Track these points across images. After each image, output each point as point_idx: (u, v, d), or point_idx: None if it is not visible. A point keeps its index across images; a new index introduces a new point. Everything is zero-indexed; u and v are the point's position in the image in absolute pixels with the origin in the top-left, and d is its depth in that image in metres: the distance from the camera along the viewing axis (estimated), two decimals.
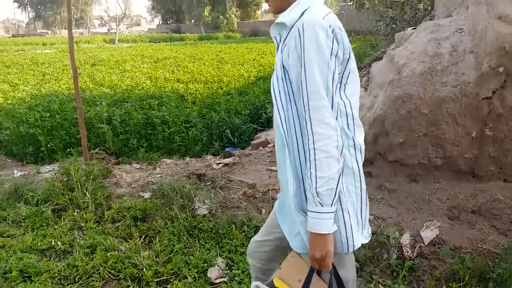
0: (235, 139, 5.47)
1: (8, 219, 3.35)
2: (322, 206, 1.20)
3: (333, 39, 1.20)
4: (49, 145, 4.90)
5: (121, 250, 2.85)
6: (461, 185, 3.10)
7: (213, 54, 16.98)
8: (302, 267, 1.40)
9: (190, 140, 5.34)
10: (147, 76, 9.95)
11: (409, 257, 2.56)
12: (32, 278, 2.58)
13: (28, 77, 10.20)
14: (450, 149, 3.05)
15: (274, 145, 4.71)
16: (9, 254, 2.81)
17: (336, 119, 1.22)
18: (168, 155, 5.09)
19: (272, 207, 3.33)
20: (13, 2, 59.93)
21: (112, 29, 57.36)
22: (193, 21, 50.30)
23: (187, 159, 4.86)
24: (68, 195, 3.57)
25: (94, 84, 8.61)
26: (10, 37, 50.98)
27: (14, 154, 5.08)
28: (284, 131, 1.31)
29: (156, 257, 2.78)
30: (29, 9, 60.13)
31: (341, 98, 1.27)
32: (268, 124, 6.29)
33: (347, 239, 1.30)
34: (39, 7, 57.82)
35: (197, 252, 2.82)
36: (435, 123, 3.05)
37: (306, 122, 1.20)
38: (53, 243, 2.98)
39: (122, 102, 6.33)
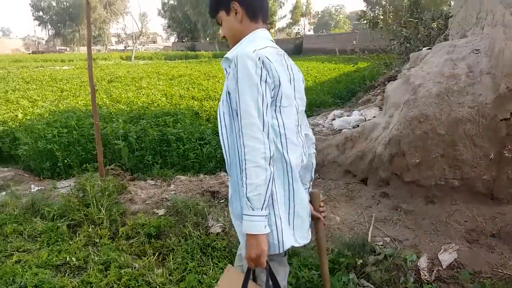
0: None
1: (25, 233, 3.38)
2: (253, 210, 1.38)
3: (261, 68, 1.40)
4: (65, 161, 4.97)
5: (135, 267, 2.85)
6: (480, 207, 3.04)
7: None
8: (237, 278, 1.53)
9: (204, 157, 5.36)
10: (162, 93, 10.08)
11: (427, 280, 2.51)
12: None
13: (47, 93, 10.41)
14: (467, 170, 3.01)
15: None
16: (24, 269, 2.82)
17: (268, 136, 1.40)
18: (183, 172, 5.11)
19: None
20: (34, 20, 61.91)
21: (128, 46, 58.64)
22: (207, 39, 51.09)
23: (201, 176, 4.87)
24: (84, 211, 3.60)
25: (110, 100, 8.75)
26: (30, 53, 52.41)
27: (32, 169, 5.16)
28: (225, 147, 1.53)
29: (169, 275, 2.77)
30: (49, 26, 62.10)
31: (277, 119, 1.48)
32: None
33: (278, 241, 1.47)
34: (58, 24, 59.64)
35: (211, 271, 2.80)
36: (452, 144, 3.02)
37: (240, 137, 1.40)
38: (67, 259, 2.99)
39: (138, 119, 6.40)
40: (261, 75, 1.40)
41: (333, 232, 3.15)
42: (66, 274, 2.85)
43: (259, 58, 1.41)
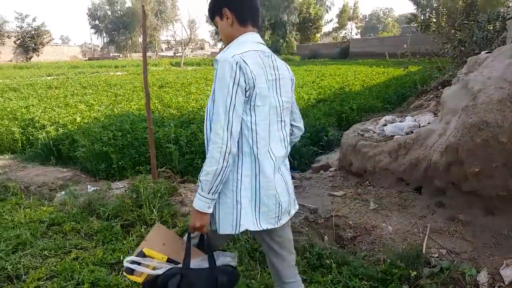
0: (295, 161, 5.44)
1: (82, 232, 3.55)
2: (202, 191, 1.59)
3: (236, 71, 1.56)
4: (120, 163, 5.19)
5: None
6: None
7: None
8: (164, 233, 1.77)
9: None
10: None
11: None
12: None
13: (102, 97, 10.95)
14: None
15: (336, 169, 4.62)
16: (82, 266, 2.95)
17: (232, 134, 1.57)
18: None
19: (335, 234, 3.25)
20: (90, 28, 65.52)
21: (178, 52, 60.42)
22: None
23: None
24: (137, 212, 3.72)
25: (162, 105, 9.04)
26: (86, 60, 55.45)
27: (88, 170, 5.43)
28: (207, 140, 1.70)
29: None
30: (104, 34, 65.44)
31: (250, 116, 1.64)
32: (329, 147, 6.20)
33: (235, 223, 1.65)
34: (113, 32, 62.75)
35: (259, 276, 2.80)
36: None
37: (211, 132, 1.61)
38: (121, 258, 3.10)
39: (188, 124, 6.56)
40: (234, 78, 1.57)
41: (385, 242, 3.05)
42: (120, 272, 2.96)
43: (237, 62, 1.57)
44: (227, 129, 1.56)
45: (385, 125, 4.63)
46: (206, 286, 1.64)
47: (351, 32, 66.31)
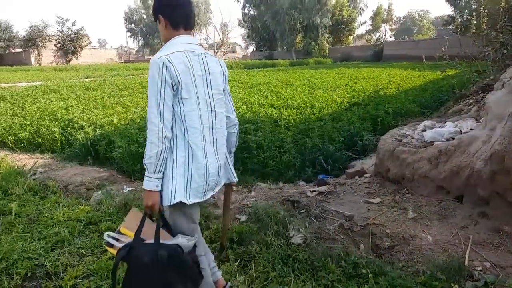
0: (329, 166, 5.35)
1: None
2: (148, 173, 1.92)
3: (162, 70, 1.89)
4: None
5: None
6: None
7: (304, 79, 17.10)
8: (139, 217, 2.01)
9: (284, 165, 5.35)
10: (242, 101, 10.31)
11: None
12: None
13: (138, 99, 11.19)
14: None
15: (371, 175, 4.51)
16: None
17: (164, 122, 1.90)
18: (262, 179, 5.15)
19: (372, 242, 3.16)
20: (127, 31, 67.43)
21: None
22: (284, 47, 51.53)
23: (281, 184, 4.86)
24: None
25: None
26: (122, 62, 57.05)
27: (124, 171, 5.54)
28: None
29: (251, 283, 2.78)
30: (139, 37, 67.19)
31: (179, 107, 1.96)
32: (364, 152, 6.06)
33: (170, 196, 1.96)
34: (147, 36, 64.35)
35: (292, 282, 2.75)
36: None
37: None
38: None
39: None
40: (161, 76, 1.89)
41: (425, 253, 2.93)
42: None
43: (163, 63, 1.90)
44: (160, 118, 1.89)
45: (424, 130, 4.48)
46: (147, 258, 1.89)
47: (385, 35, 65.02)
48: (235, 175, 2.39)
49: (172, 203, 1.97)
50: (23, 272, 2.95)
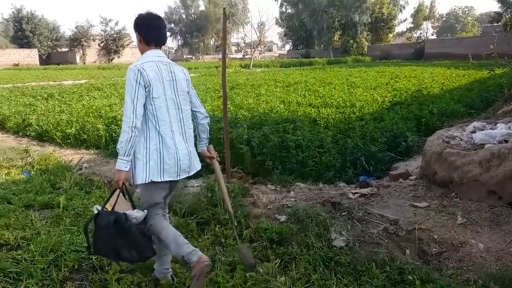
0: (371, 167, 5.21)
1: None
2: (120, 156, 2.38)
3: (137, 75, 2.39)
4: None
5: (259, 272, 2.88)
6: None
7: (343, 78, 16.81)
8: (119, 196, 2.51)
9: (323, 165, 5.27)
10: (280, 100, 10.26)
11: None
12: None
13: None
14: None
15: (417, 178, 4.35)
16: None
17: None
18: (301, 179, 5.09)
19: (418, 248, 3.04)
20: (166, 31, 68.89)
21: (247, 54, 61.50)
22: (322, 46, 50.93)
23: (321, 185, 4.78)
24: (211, 211, 3.78)
25: (234, 106, 9.20)
26: None
27: None
28: None
29: (292, 285, 2.74)
30: (179, 37, 68.45)
31: (151, 105, 2.45)
32: (407, 153, 5.85)
33: (145, 176, 2.44)
34: (186, 35, 65.48)
35: (334, 286, 2.69)
36: None
37: None
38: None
39: (259, 125, 6.59)
40: (136, 79, 2.39)
41: (476, 261, 2.79)
42: (187, 266, 3.00)
43: (138, 69, 2.40)
44: (133, 112, 2.36)
45: (474, 132, 4.26)
46: (102, 222, 2.39)
47: (426, 32, 62.77)
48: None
49: (145, 182, 2.45)
50: (70, 264, 3.06)
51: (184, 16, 66.77)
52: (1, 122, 9.11)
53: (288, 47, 67.59)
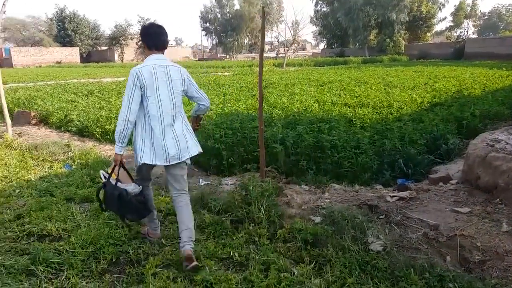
0: (409, 170, 5.05)
1: (194, 224, 3.70)
2: (116, 142, 2.99)
3: (135, 77, 2.89)
4: (229, 160, 5.37)
5: (293, 273, 2.86)
6: None
7: (379, 77, 16.43)
8: (123, 171, 3.17)
9: (359, 167, 5.16)
10: (314, 99, 10.14)
11: None
12: (213, 286, 2.76)
13: (213, 96, 11.47)
14: None
15: (458, 182, 4.18)
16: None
17: (131, 110, 2.91)
18: (336, 180, 5.01)
19: (460, 255, 2.92)
20: (202, 30, 69.81)
21: (280, 53, 61.30)
22: (357, 44, 50.02)
23: (357, 186, 4.69)
24: (245, 209, 3.79)
25: (268, 105, 9.18)
26: (196, 60, 59.19)
27: (200, 165, 5.72)
28: None
29: None
30: (213, 36, 69.13)
31: (146, 103, 2.95)
32: (448, 156, 5.64)
33: (140, 158, 3.00)
34: (221, 34, 66.01)
35: None
36: None
37: None
38: (231, 254, 3.17)
39: (294, 125, 6.54)
40: (134, 81, 2.89)
41: None
42: (229, 268, 3.02)
43: (136, 73, 2.89)
44: (128, 108, 2.89)
45: None
46: (109, 192, 3.09)
47: (467, 31, 60.41)
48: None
49: (139, 163, 3.03)
50: (109, 257, 3.15)
51: (219, 15, 67.32)
52: (45, 117, 9.50)
53: (322, 45, 66.86)
